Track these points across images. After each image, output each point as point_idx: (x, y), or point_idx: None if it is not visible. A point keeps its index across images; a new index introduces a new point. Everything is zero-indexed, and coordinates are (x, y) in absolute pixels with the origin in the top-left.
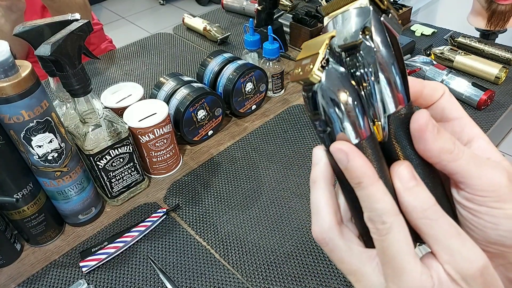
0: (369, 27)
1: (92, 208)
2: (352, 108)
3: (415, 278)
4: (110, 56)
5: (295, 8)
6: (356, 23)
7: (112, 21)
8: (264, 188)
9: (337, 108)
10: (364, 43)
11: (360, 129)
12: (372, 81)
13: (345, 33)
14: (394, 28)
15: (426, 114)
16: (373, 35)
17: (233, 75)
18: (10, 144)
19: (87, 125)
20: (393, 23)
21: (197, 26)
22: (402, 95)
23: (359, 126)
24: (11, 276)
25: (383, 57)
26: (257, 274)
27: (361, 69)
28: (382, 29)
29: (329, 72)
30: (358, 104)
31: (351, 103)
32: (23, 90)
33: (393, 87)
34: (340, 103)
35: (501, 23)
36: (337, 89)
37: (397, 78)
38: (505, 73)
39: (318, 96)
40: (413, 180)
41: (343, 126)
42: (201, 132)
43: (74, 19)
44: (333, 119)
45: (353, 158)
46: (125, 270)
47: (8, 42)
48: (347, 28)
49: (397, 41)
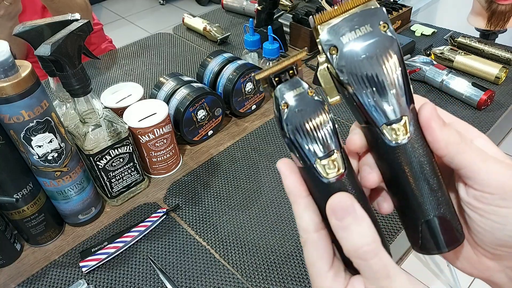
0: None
1: (92, 208)
2: (308, 137)
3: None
4: (110, 56)
5: (295, 8)
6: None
7: (112, 21)
8: (264, 188)
9: (297, 134)
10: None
11: (304, 158)
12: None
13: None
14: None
15: (431, 105)
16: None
17: (233, 75)
18: (10, 144)
19: (87, 125)
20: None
21: (197, 26)
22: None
23: (304, 156)
24: (11, 276)
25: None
26: (257, 274)
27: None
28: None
29: (298, 101)
30: (314, 134)
31: (309, 133)
32: (23, 90)
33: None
34: (300, 131)
35: (501, 23)
36: (300, 119)
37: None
38: (505, 73)
39: (283, 123)
40: (348, 217)
41: (294, 151)
42: (201, 132)
43: (74, 19)
44: (295, 144)
45: (285, 177)
46: (125, 270)
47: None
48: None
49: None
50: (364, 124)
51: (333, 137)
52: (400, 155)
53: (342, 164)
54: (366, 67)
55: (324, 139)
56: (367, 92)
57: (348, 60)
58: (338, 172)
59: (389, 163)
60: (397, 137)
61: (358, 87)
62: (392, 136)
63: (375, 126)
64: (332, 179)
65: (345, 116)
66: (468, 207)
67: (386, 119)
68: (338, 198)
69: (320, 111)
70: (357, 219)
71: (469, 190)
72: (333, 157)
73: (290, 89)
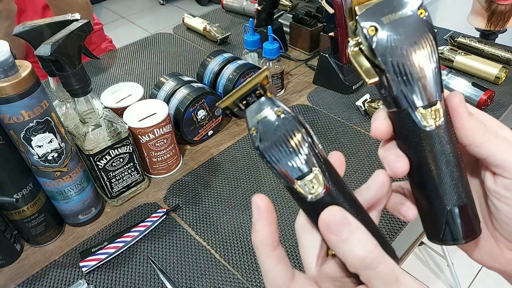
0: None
1: (92, 208)
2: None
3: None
4: (110, 56)
5: (295, 8)
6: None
7: (112, 21)
8: (264, 188)
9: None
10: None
11: (283, 181)
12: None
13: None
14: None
15: (460, 94)
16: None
17: (233, 75)
18: (10, 144)
19: (87, 125)
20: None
21: (197, 26)
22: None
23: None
24: (11, 277)
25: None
26: (257, 274)
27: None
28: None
29: (267, 121)
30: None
31: (283, 154)
32: (23, 90)
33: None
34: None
35: (501, 23)
36: (271, 143)
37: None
38: (505, 73)
39: (257, 148)
40: (346, 228)
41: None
42: (201, 132)
43: (74, 19)
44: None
45: (257, 224)
46: (125, 270)
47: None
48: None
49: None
50: (394, 109)
51: (310, 153)
52: (431, 140)
53: (323, 180)
54: (407, 48)
55: (300, 158)
56: (407, 73)
57: (388, 40)
58: (320, 189)
59: (419, 149)
60: (431, 122)
61: (398, 69)
62: (426, 120)
63: (411, 109)
64: (314, 197)
65: (345, 116)
66: (495, 197)
67: (423, 102)
68: (329, 213)
69: (292, 130)
70: (353, 229)
71: (497, 179)
72: (310, 176)
73: (257, 112)
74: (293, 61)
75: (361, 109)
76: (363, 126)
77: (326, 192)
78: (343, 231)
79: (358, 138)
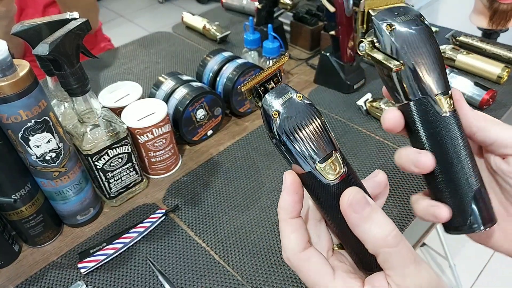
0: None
1: (90, 208)
2: (303, 142)
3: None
4: (108, 55)
5: (296, 7)
6: None
7: (110, 20)
8: (264, 188)
9: (292, 140)
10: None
11: (302, 164)
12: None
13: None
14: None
15: (458, 90)
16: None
17: (233, 74)
18: (8, 144)
19: (85, 125)
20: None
21: (197, 25)
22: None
23: (302, 162)
24: (9, 278)
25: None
26: (257, 276)
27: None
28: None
29: (288, 108)
30: (308, 140)
31: (303, 138)
32: (21, 90)
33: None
34: (293, 137)
35: (503, 22)
36: (293, 126)
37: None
38: (507, 73)
39: (277, 132)
40: (367, 207)
41: (294, 158)
42: (201, 132)
43: (72, 18)
44: (290, 149)
45: (285, 192)
46: (123, 272)
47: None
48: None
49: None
50: (406, 101)
51: (328, 139)
52: (450, 126)
53: (342, 164)
54: (422, 43)
55: (320, 143)
56: (424, 64)
57: (406, 35)
58: (339, 173)
59: (439, 135)
60: (447, 108)
61: (417, 60)
62: (443, 106)
63: (428, 97)
64: (334, 181)
65: (346, 116)
66: (507, 178)
67: (440, 89)
68: (351, 193)
69: (312, 115)
70: (373, 208)
71: (510, 160)
72: (331, 159)
73: (278, 96)
74: (294, 60)
75: (362, 108)
76: (364, 125)
77: (345, 175)
78: (365, 209)
79: (359, 137)
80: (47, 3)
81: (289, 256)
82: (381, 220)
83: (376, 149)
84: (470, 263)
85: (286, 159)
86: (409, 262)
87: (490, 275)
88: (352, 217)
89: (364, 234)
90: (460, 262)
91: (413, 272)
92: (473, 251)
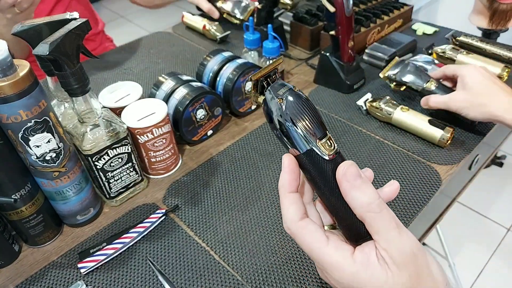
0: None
1: (90, 208)
2: (304, 129)
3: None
4: (108, 55)
5: (296, 7)
6: None
7: (111, 20)
8: (264, 188)
9: (292, 127)
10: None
11: (305, 141)
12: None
13: None
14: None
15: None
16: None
17: (233, 74)
18: (8, 144)
19: (85, 125)
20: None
21: (197, 25)
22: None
23: (297, 145)
24: (9, 277)
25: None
26: (257, 276)
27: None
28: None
29: (289, 97)
30: (308, 127)
31: (304, 126)
32: (21, 90)
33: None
34: (294, 125)
35: (503, 22)
36: (297, 109)
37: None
38: (507, 73)
39: (282, 116)
40: (359, 178)
41: (291, 142)
42: (201, 132)
43: (72, 18)
44: (290, 134)
45: (284, 171)
46: (123, 271)
47: (9, 45)
48: None
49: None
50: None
51: (322, 122)
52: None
53: (334, 143)
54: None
55: (318, 124)
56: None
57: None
58: (333, 149)
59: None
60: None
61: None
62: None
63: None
64: (330, 155)
65: (346, 116)
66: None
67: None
68: (346, 165)
69: (308, 102)
70: (364, 180)
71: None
72: (326, 137)
73: (281, 87)
74: (294, 60)
75: (362, 108)
76: (364, 125)
77: (338, 151)
78: (357, 180)
79: (359, 137)
80: (54, 5)
81: (288, 225)
82: (369, 190)
83: (376, 149)
84: (470, 263)
85: (284, 143)
86: (391, 227)
87: (490, 274)
88: (344, 185)
89: (353, 200)
90: (460, 262)
91: (396, 236)
92: (473, 250)
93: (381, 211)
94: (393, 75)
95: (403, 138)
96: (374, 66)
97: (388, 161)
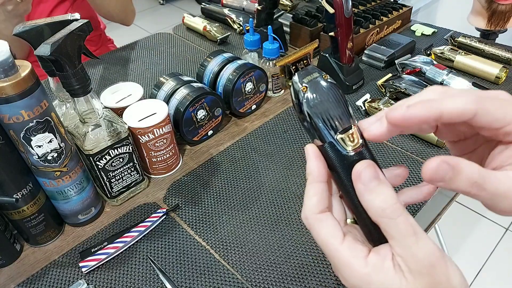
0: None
1: (91, 208)
2: (326, 120)
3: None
4: (109, 56)
5: (295, 8)
6: None
7: (111, 21)
8: (264, 188)
9: (316, 120)
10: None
11: (325, 134)
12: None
13: None
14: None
15: (361, 166)
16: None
17: (233, 75)
18: (9, 144)
19: (86, 125)
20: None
21: (197, 26)
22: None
23: (324, 135)
24: (10, 276)
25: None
26: (257, 275)
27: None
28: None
29: (315, 85)
30: (330, 117)
31: (326, 117)
32: (23, 90)
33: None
34: (316, 118)
35: (501, 23)
36: (319, 99)
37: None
38: (506, 73)
39: (303, 105)
40: (374, 180)
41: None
42: (201, 132)
43: (74, 19)
44: (316, 127)
45: (309, 160)
46: (124, 270)
47: (9, 43)
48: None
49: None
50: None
51: (348, 114)
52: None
53: (359, 137)
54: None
55: (342, 116)
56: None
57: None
58: (356, 144)
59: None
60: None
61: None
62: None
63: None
64: (351, 151)
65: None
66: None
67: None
68: (363, 164)
69: (336, 92)
70: (381, 182)
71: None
72: (351, 131)
73: (307, 74)
74: None
75: (361, 109)
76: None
77: (361, 148)
78: (372, 182)
79: None
80: (55, 6)
81: (307, 214)
82: (385, 193)
83: (376, 149)
84: (468, 262)
85: (309, 133)
86: (408, 234)
87: (490, 272)
88: (358, 187)
89: (366, 203)
90: (458, 261)
91: (412, 244)
92: (471, 250)
93: (397, 217)
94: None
95: (402, 138)
96: (373, 67)
97: (388, 160)
